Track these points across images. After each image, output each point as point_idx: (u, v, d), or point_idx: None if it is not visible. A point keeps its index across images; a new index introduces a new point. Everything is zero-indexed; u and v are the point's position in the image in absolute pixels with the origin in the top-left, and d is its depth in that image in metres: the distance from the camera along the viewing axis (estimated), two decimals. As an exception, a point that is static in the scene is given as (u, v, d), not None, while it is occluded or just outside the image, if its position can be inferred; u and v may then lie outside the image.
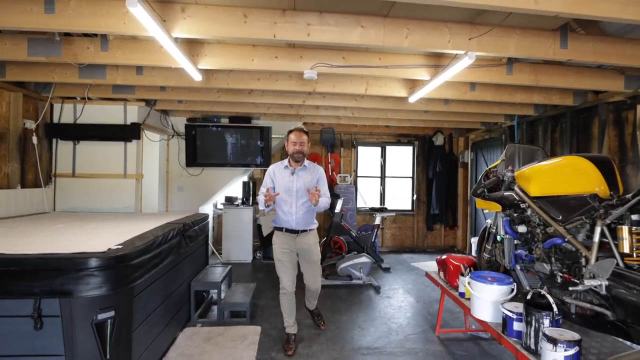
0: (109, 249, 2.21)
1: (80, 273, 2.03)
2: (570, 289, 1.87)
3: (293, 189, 3.08)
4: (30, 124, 4.24)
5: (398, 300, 4.43)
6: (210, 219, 4.97)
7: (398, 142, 7.47)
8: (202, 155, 5.83)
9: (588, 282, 1.71)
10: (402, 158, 7.56)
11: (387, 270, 5.80)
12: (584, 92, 4.30)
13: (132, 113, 4.69)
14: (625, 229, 1.71)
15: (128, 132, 4.63)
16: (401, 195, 7.57)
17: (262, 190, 3.08)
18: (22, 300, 1.99)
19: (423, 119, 5.82)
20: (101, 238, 2.59)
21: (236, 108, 5.24)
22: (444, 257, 3.36)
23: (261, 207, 3.02)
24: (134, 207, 4.72)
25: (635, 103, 3.77)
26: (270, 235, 6.47)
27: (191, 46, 3.03)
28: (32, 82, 4.20)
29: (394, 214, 6.70)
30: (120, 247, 2.27)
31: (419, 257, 6.75)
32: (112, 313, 2.11)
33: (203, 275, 3.91)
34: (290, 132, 3.13)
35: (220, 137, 5.89)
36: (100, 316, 2.08)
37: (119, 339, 2.17)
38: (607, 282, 1.68)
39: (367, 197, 7.25)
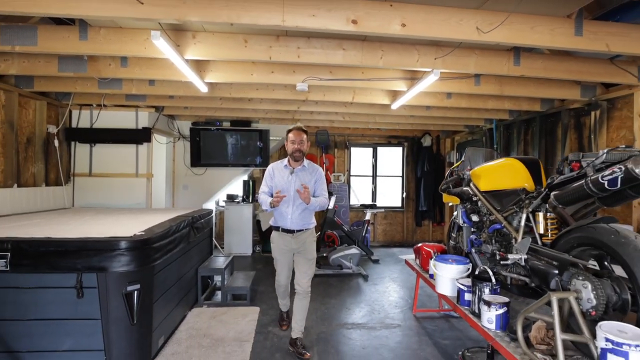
0: (135, 234, 2.70)
1: (113, 253, 2.52)
2: (502, 263, 2.36)
3: (291, 189, 3.03)
4: (53, 129, 4.73)
5: (383, 287, 4.93)
6: (212, 215, 5.46)
7: (388, 143, 7.96)
8: (206, 156, 6.33)
9: (512, 257, 2.20)
10: (392, 158, 8.06)
11: (376, 261, 6.29)
12: (550, 99, 4.78)
13: (143, 118, 5.19)
14: (540, 215, 2.20)
15: (139, 136, 5.12)
16: (391, 193, 8.07)
17: (264, 189, 3.12)
18: (67, 274, 2.47)
19: (410, 122, 6.31)
20: (124, 227, 3.07)
21: (237, 113, 5.73)
22: (419, 245, 3.86)
23: (264, 207, 3.03)
24: (144, 203, 5.21)
25: (590, 110, 4.26)
26: (269, 230, 6.98)
27: (199, 64, 3.51)
28: (54, 92, 4.68)
29: (382, 210, 7.19)
30: (143, 233, 2.76)
31: (408, 250, 7.23)
32: (138, 286, 2.60)
33: (208, 263, 4.41)
34: (289, 131, 3.08)
35: (222, 139, 6.38)
36: (129, 288, 2.57)
37: (143, 307, 2.66)
38: (525, 256, 2.17)
39: (359, 194, 7.74)
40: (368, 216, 6.46)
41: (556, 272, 1.96)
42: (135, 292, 2.60)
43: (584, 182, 1.80)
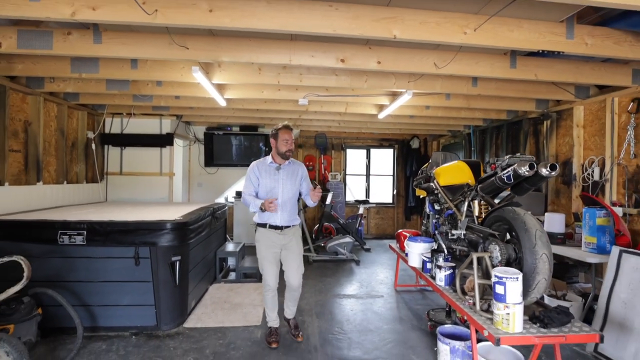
0: (176, 218, 3.53)
1: (161, 232, 3.35)
2: (450, 238, 3.19)
3: (279, 186, 3.07)
4: (91, 135, 5.56)
5: (372, 269, 5.77)
6: (226, 208, 6.28)
7: (380, 145, 8.80)
8: (217, 157, 7.16)
9: (455, 232, 3.03)
10: (383, 159, 8.90)
11: (368, 250, 7.13)
12: (515, 110, 5.61)
13: (166, 125, 6.02)
14: (476, 202, 3.04)
15: (163, 140, 5.96)
16: (383, 191, 8.91)
17: (249, 190, 3.08)
18: (127, 247, 3.30)
19: (398, 127, 7.15)
20: (164, 214, 3.90)
21: (245, 120, 6.56)
22: (399, 231, 4.69)
23: (252, 209, 3.02)
24: (167, 198, 6.04)
25: (544, 120, 5.10)
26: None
27: (221, 85, 4.34)
28: (92, 104, 5.50)
29: (374, 205, 8.05)
30: (181, 218, 3.59)
31: (397, 242, 8.08)
32: (179, 257, 3.44)
33: (224, 247, 5.24)
34: (278, 130, 3.12)
35: (232, 142, 7.21)
36: (173, 258, 3.40)
37: (182, 274, 3.49)
38: (464, 232, 3.00)
39: (354, 191, 8.58)
40: (361, 210, 7.30)
41: (481, 241, 2.79)
42: (177, 262, 3.43)
43: (494, 178, 2.63)
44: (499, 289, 2.23)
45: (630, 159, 3.83)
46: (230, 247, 5.32)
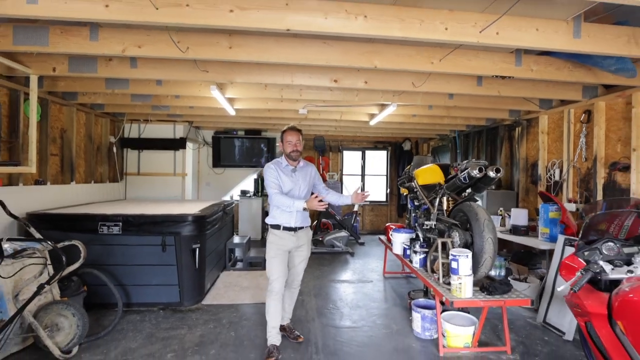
0: (195, 212, 4.18)
1: (184, 223, 4.00)
2: (424, 228, 3.84)
3: (296, 188, 3.09)
4: (112, 139, 6.20)
5: (364, 260, 6.43)
6: (233, 205, 6.93)
7: (375, 147, 9.46)
8: (224, 158, 7.81)
9: (427, 223, 3.69)
10: (378, 160, 9.56)
11: (362, 244, 7.78)
12: (492, 118, 6.26)
13: (179, 130, 6.67)
14: (445, 199, 3.69)
15: (176, 144, 6.61)
16: (378, 190, 9.56)
17: (278, 189, 3.00)
18: (156, 236, 3.95)
19: (390, 131, 7.80)
20: (182, 209, 4.54)
21: (250, 125, 7.21)
22: (387, 224, 5.35)
23: (295, 209, 2.94)
24: (180, 196, 6.69)
25: (516, 127, 5.75)
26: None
27: (231, 98, 4.99)
28: (114, 112, 6.15)
29: (368, 203, 8.70)
30: (199, 212, 4.24)
31: (390, 237, 8.75)
32: (198, 245, 4.09)
33: (232, 239, 5.90)
34: (284, 131, 3.11)
35: (237, 145, 7.86)
36: (193, 246, 4.05)
37: (200, 259, 4.14)
38: (435, 223, 3.65)
39: (350, 190, 9.21)
40: (356, 208, 7.96)
41: (446, 229, 3.45)
42: (197, 249, 4.08)
43: (455, 179, 3.28)
44: (453, 265, 2.89)
45: (582, 162, 4.49)
46: (237, 239, 5.98)
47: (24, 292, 2.86)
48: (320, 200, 2.90)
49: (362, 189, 3.41)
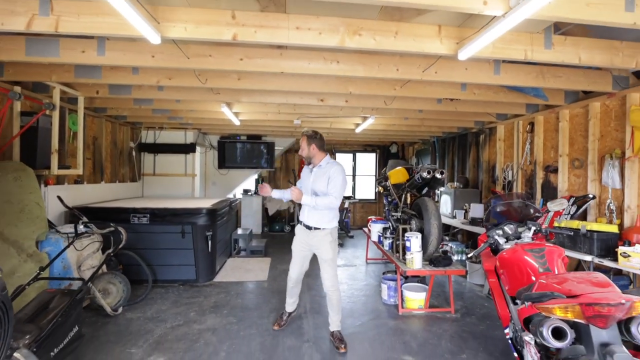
0: (208, 206, 5.11)
1: (199, 215, 4.93)
2: (393, 219, 4.78)
3: (309, 186, 3.31)
4: (132, 144, 7.13)
5: (351, 250, 7.37)
6: (238, 202, 7.86)
7: (365, 150, 10.40)
8: (228, 160, 8.73)
9: (394, 214, 4.62)
10: (367, 161, 10.50)
11: (351, 237, 8.73)
12: (463, 126, 7.20)
13: (190, 136, 7.60)
14: (408, 195, 4.63)
15: (187, 148, 7.54)
16: (367, 189, 10.51)
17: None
18: (177, 225, 4.88)
19: (377, 136, 8.73)
20: (196, 204, 5.46)
21: (252, 131, 8.14)
22: (369, 217, 6.29)
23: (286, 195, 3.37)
24: (190, 194, 7.62)
25: (480, 134, 6.69)
26: (274, 215, 9.46)
27: (236, 111, 5.93)
28: (134, 121, 7.07)
29: (357, 200, 9.65)
30: (211, 206, 5.17)
31: (378, 231, 9.69)
32: (211, 232, 5.02)
33: (236, 231, 6.83)
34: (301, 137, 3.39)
35: (240, 149, 8.79)
36: (207, 233, 4.98)
37: (212, 245, 5.07)
38: (400, 214, 4.59)
39: (342, 189, 10.15)
40: (346, 205, 8.90)
41: (408, 218, 4.38)
42: (209, 236, 5.01)
43: (414, 179, 4.22)
44: (407, 244, 3.83)
45: (527, 165, 5.43)
46: (240, 231, 6.92)
47: (85, 265, 3.79)
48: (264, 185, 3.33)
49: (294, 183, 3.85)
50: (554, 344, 1.60)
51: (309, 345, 3.31)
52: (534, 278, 2.28)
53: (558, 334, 1.62)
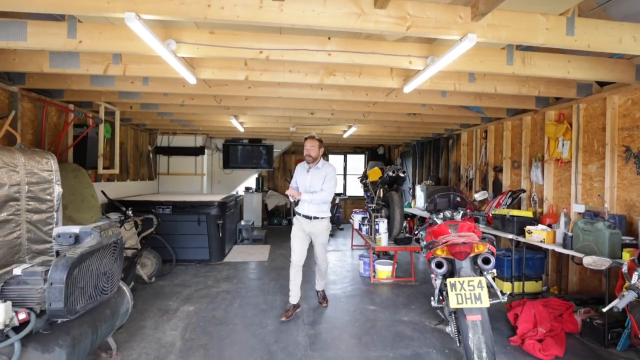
0: (219, 200, 6.22)
1: (212, 206, 6.04)
2: (370, 209, 5.90)
3: (307, 184, 3.85)
4: (149, 147, 8.23)
5: (340, 239, 8.51)
6: (241, 198, 8.97)
7: (354, 152, 11.53)
8: (232, 161, 9.84)
9: (369, 205, 5.74)
10: (357, 162, 11.63)
11: (341, 229, 9.86)
12: (436, 132, 8.32)
13: (199, 140, 8.71)
14: (381, 190, 5.77)
15: (197, 151, 8.64)
16: (357, 187, 11.63)
17: (292, 184, 3.99)
18: (194, 215, 5.99)
19: (365, 139, 9.86)
20: (208, 198, 6.56)
21: (253, 135, 9.26)
22: (354, 209, 7.42)
23: (290, 198, 3.92)
24: (199, 191, 8.73)
25: (449, 139, 7.83)
26: (273, 210, 10.58)
27: (241, 121, 7.04)
28: (151, 128, 8.17)
29: (347, 197, 10.79)
30: (221, 199, 6.28)
31: (366, 225, 10.82)
32: (221, 221, 6.13)
33: (240, 222, 7.96)
34: (305, 139, 3.86)
35: (242, 150, 9.90)
36: (218, 222, 6.10)
37: (223, 231, 6.18)
38: (375, 205, 5.71)
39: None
40: (337, 201, 10.03)
41: (379, 209, 5.51)
42: (220, 224, 6.13)
43: (384, 176, 5.34)
44: (376, 226, 4.96)
45: (483, 166, 6.57)
46: (244, 223, 8.04)
47: (127, 243, 4.90)
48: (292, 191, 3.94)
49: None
50: (437, 271, 2.73)
51: (300, 300, 4.42)
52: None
53: (440, 265, 2.74)
